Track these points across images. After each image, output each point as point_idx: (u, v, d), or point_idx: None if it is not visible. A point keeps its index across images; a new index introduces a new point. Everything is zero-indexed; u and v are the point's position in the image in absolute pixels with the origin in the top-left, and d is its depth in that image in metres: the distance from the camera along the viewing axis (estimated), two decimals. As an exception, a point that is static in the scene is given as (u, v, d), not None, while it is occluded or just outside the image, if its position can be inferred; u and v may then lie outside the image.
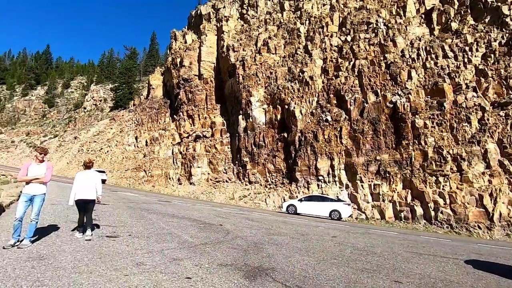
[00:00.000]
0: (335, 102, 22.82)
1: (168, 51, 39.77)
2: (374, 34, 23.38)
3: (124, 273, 3.63)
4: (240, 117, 27.11)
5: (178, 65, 34.19)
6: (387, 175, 18.31)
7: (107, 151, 40.45)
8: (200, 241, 5.85)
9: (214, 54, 32.77)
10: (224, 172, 27.62)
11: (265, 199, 22.60)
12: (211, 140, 29.64)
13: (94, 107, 66.49)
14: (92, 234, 5.65)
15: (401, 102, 19.16)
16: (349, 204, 17.50)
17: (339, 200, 18.11)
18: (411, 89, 19.44)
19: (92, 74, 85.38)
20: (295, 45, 27.78)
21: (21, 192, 4.96)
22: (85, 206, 5.69)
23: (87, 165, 6.06)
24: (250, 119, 26.22)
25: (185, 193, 27.34)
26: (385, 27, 23.26)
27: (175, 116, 34.05)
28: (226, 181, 26.64)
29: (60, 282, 3.22)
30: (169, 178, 29.89)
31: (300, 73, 25.22)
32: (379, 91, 20.48)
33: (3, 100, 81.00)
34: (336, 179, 20.52)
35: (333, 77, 23.62)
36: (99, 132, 49.25)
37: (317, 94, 24.04)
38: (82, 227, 5.68)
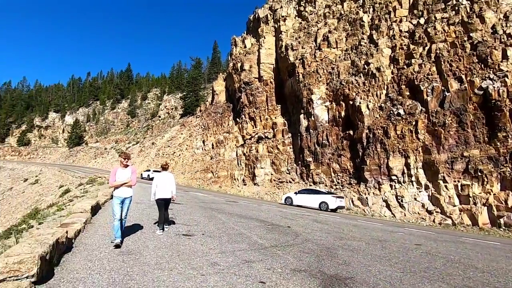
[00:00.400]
0: (407, 93, 20.59)
1: (229, 57, 41.52)
2: (454, 12, 20.36)
3: (200, 273, 3.72)
4: (302, 116, 26.57)
5: (239, 70, 35.34)
6: (479, 174, 15.64)
7: (179, 155, 44.16)
8: (270, 243, 5.75)
9: (273, 55, 32.90)
10: (287, 173, 27.42)
11: (332, 201, 21.58)
12: (273, 141, 29.77)
13: (167, 115, 73.46)
14: (167, 228, 6.49)
15: (494, 87, 16.18)
16: (339, 197, 19.11)
17: (329, 193, 19.84)
18: (507, 71, 16.28)
19: (164, 85, 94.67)
20: (358, 36, 26.03)
21: (112, 194, 5.32)
22: (163, 204, 6.29)
23: (164, 167, 6.80)
24: (312, 118, 25.47)
25: (250, 193, 27.99)
26: (469, 2, 20.04)
27: (237, 119, 35.26)
28: (290, 182, 26.38)
29: (146, 278, 3.44)
30: (234, 179, 31.03)
31: (365, 66, 23.49)
32: (463, 76, 17.70)
33: (97, 113, 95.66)
34: (413, 179, 18.43)
35: (405, 66, 21.35)
36: (172, 137, 54.15)
37: (385, 87, 22.06)
38: (162, 225, 6.27)
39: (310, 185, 24.50)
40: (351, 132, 22.68)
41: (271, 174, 28.59)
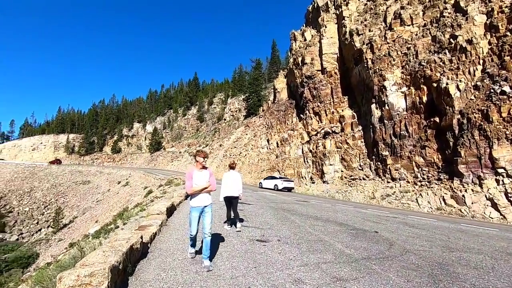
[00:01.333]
0: (514, 66, 16.61)
1: (289, 53, 40.62)
2: None
3: (283, 293, 3.05)
4: (373, 106, 24.04)
5: (300, 64, 34.13)
6: None
7: (245, 155, 45.10)
8: (360, 254, 4.77)
9: (336, 44, 30.74)
10: (359, 169, 25.18)
11: (416, 199, 18.87)
12: (341, 136, 27.76)
13: (232, 117, 76.31)
14: (240, 226, 6.43)
15: None
16: (286, 181, 26.35)
17: (280, 178, 26.98)
18: None
19: (227, 89, 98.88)
20: (438, 7, 22.27)
21: (189, 202, 4.66)
22: (231, 202, 6.56)
23: (231, 166, 7.02)
24: (386, 107, 22.77)
25: (319, 191, 26.61)
26: None
27: (301, 115, 34.09)
28: (363, 179, 24.13)
29: (221, 297, 2.93)
30: (302, 177, 29.98)
31: (451, 40, 19.89)
32: None
33: (171, 121, 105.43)
34: (530, 171, 14.69)
35: (508, 33, 17.30)
36: (237, 138, 55.82)
37: (481, 61, 18.27)
38: (230, 221, 6.64)
39: (388, 182, 21.99)
40: (437, 119, 19.44)
41: (341, 171, 26.67)
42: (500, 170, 15.62)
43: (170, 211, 7.84)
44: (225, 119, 79.68)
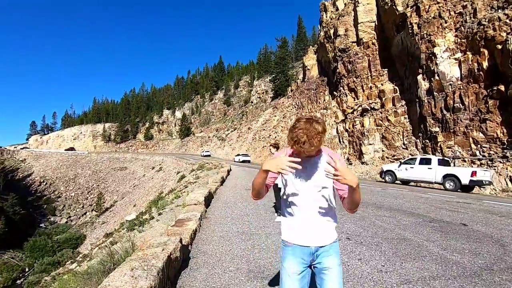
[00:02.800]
0: None
1: (319, 26, 37.77)
2: None
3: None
4: (420, 77, 21.43)
5: (332, 37, 31.54)
6: None
7: (275, 137, 43.90)
8: (472, 261, 3.48)
9: (374, 10, 27.70)
10: (403, 148, 23.00)
11: (475, 180, 16.63)
12: (381, 112, 25.44)
13: (259, 100, 74.84)
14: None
15: None
16: (244, 155, 42.12)
17: (242, 154, 42.71)
18: None
19: (253, 71, 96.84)
20: (503, -46, 18.73)
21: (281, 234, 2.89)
22: (278, 187, 5.64)
23: (275, 146, 6.16)
24: (436, 77, 20.14)
25: (358, 173, 24.87)
26: None
27: (334, 92, 31.87)
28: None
29: None
30: (337, 159, 28.29)
31: (521, -9, 16.67)
32: None
33: (199, 106, 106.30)
34: None
35: None
36: (266, 120, 54.57)
37: (562, 13, 15.09)
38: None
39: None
40: (502, 88, 16.69)
41: (382, 151, 24.63)
42: None
43: (208, 200, 7.01)
44: (252, 102, 78.42)
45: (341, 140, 28.59)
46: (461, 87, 18.91)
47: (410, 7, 22.61)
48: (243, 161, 41.39)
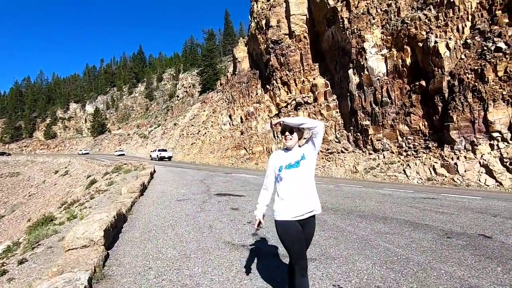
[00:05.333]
0: (506, 20, 15.29)
1: (249, 17, 36.30)
2: None
3: None
4: (351, 72, 21.81)
5: (264, 28, 30.39)
6: None
7: (205, 133, 40.96)
8: None
9: (305, 3, 27.47)
10: (336, 141, 23.27)
11: (404, 170, 17.46)
12: (314, 106, 25.40)
13: (185, 94, 70.04)
14: None
15: None
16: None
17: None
18: None
19: (178, 64, 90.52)
20: (419, -40, 20.17)
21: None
22: (301, 236, 3.28)
23: (289, 130, 3.66)
24: (366, 72, 20.68)
25: (293, 169, 24.29)
26: None
27: (267, 86, 30.90)
28: (342, 152, 22.28)
29: None
30: (272, 154, 27.36)
31: (437, -6, 18.04)
32: None
33: (116, 100, 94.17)
34: (526, 134, 13.74)
35: (499, -16, 15.79)
36: (194, 116, 50.94)
37: (469, 17, 16.73)
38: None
39: (370, 154, 20.38)
40: (423, 83, 17.83)
41: (316, 145, 24.54)
42: (495, 134, 14.52)
43: (114, 229, 4.21)
44: (178, 96, 72.97)
45: (276, 135, 27.73)
46: (388, 82, 19.73)
47: (340, 2, 22.82)
48: (162, 158, 34.97)
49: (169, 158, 36.90)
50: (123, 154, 55.16)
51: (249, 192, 8.76)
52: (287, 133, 2.23)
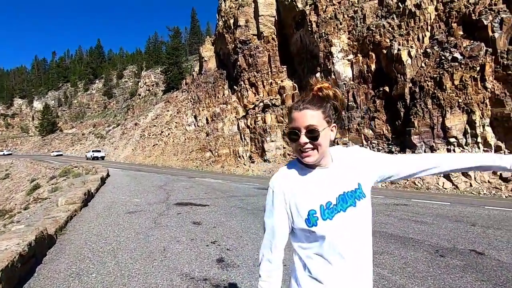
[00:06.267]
0: (460, 33, 16.22)
1: (217, 16, 35.29)
2: None
3: None
4: (318, 75, 21.84)
5: (232, 27, 29.61)
6: None
7: (168, 134, 38.94)
8: None
9: (274, 4, 27.23)
10: (303, 145, 23.16)
11: (368, 174, 17.70)
12: (282, 109, 25.12)
13: (148, 93, 66.60)
14: None
15: None
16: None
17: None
18: None
19: (141, 61, 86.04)
20: (383, -30, 20.89)
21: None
22: None
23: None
24: (333, 76, 20.85)
25: (260, 172, 23.74)
26: None
27: (235, 87, 30.11)
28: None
29: None
30: (239, 157, 26.57)
31: (399, 3, 18.73)
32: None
33: (69, 97, 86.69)
34: (479, 139, 14.58)
35: (454, -1, 16.76)
36: (157, 116, 48.37)
37: (429, 27, 17.55)
38: None
39: (337, 157, 20.43)
40: (387, 89, 18.34)
41: (284, 148, 24.29)
42: (451, 140, 15.24)
43: (32, 257, 3.09)
44: (139, 95, 69.08)
45: (243, 137, 27.01)
46: (354, 87, 20.04)
47: (309, 5, 22.86)
48: (95, 158, 39.87)
49: (102, 158, 41.71)
50: (61, 155, 56.83)
51: (214, 200, 7.89)
52: (303, 134, 0.98)
